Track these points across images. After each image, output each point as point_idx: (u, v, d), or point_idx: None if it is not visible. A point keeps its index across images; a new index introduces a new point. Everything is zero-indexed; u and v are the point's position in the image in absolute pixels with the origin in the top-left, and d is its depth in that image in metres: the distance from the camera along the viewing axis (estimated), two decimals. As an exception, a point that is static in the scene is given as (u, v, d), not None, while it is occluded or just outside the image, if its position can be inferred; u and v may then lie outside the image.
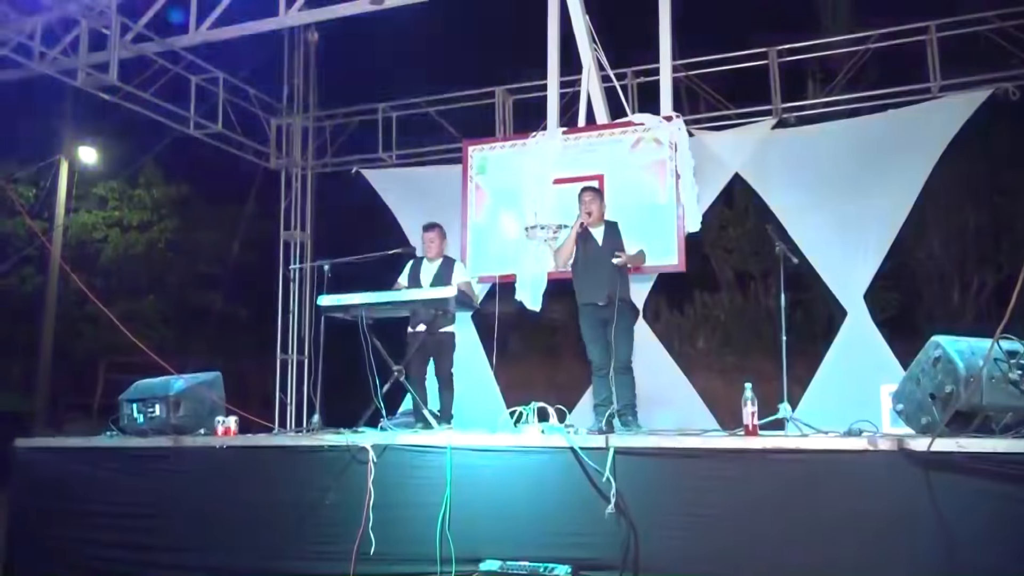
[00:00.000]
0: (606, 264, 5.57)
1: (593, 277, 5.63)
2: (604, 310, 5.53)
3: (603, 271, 5.58)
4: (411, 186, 9.48)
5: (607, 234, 5.73)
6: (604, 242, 5.69)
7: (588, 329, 5.66)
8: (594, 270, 5.64)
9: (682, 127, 7.06)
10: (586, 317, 5.67)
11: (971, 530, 3.42)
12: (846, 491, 3.66)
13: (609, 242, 5.67)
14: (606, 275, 5.54)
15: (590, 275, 5.66)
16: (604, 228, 5.76)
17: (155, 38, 8.27)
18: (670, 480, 3.98)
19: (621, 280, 5.55)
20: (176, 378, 5.45)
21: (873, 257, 7.76)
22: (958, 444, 3.48)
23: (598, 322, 5.60)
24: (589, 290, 5.65)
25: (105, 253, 13.91)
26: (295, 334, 10.09)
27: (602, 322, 5.57)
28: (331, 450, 4.52)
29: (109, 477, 5.01)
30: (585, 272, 5.72)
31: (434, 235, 6.18)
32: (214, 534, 4.69)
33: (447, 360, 6.04)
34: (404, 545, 4.26)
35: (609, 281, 5.50)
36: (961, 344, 3.70)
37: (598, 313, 5.58)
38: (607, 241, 5.69)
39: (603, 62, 7.53)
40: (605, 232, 5.74)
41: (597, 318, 5.59)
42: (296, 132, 10.35)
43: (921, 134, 7.69)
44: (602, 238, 5.72)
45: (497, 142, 7.95)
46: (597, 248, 5.68)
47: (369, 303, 5.39)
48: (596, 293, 5.58)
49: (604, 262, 5.59)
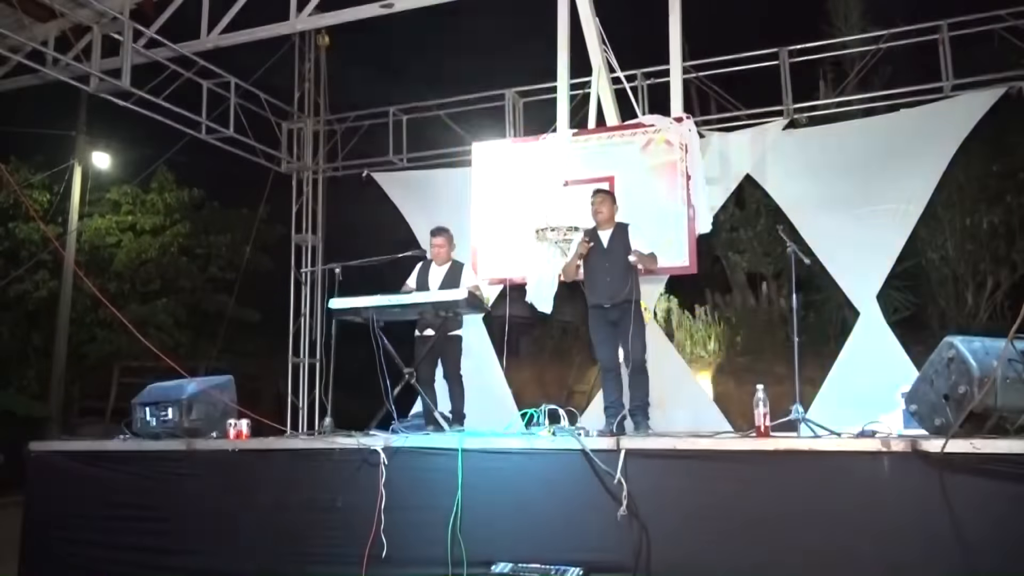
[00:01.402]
0: (615, 266, 5.58)
1: (601, 279, 5.65)
2: (611, 311, 5.56)
3: (611, 273, 5.58)
4: (421, 189, 9.50)
5: (615, 236, 5.72)
6: (612, 244, 5.69)
7: (596, 330, 5.70)
8: (602, 272, 5.65)
9: (693, 128, 7.05)
10: (594, 318, 5.70)
11: (985, 531, 3.40)
12: (860, 493, 3.63)
13: (617, 244, 5.66)
14: (614, 277, 5.55)
15: (598, 277, 5.68)
16: (613, 230, 5.76)
17: (167, 43, 8.32)
18: (682, 482, 3.96)
19: (631, 282, 5.52)
20: (189, 381, 5.48)
21: (886, 258, 7.71)
22: (972, 445, 3.45)
23: (606, 323, 5.63)
24: (597, 291, 5.67)
25: (118, 258, 13.97)
26: (307, 337, 10.13)
27: (610, 323, 5.60)
28: (343, 453, 4.53)
29: (122, 480, 5.03)
30: (593, 274, 5.73)
31: (442, 240, 6.16)
32: (226, 537, 4.71)
33: (454, 361, 6.05)
34: (416, 548, 4.26)
35: (617, 283, 5.51)
36: (975, 344, 3.67)
37: (606, 314, 5.61)
38: (615, 243, 5.68)
39: (613, 64, 7.53)
40: (613, 234, 5.74)
41: (605, 319, 5.63)
42: (307, 136, 10.40)
43: (934, 134, 7.65)
44: (608, 240, 5.71)
45: (507, 144, 7.95)
46: (603, 251, 5.69)
47: (380, 306, 5.39)
48: (603, 294, 5.60)
49: (612, 264, 5.60)
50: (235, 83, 9.41)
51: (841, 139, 8.01)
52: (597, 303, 5.65)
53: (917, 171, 7.61)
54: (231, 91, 9.37)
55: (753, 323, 11.78)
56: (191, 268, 14.64)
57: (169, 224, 14.38)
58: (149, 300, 14.07)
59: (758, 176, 8.27)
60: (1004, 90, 7.60)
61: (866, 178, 7.65)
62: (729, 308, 12.07)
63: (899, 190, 7.57)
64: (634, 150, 7.10)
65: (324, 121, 10.47)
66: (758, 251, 11.89)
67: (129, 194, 14.27)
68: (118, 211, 14.33)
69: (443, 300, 5.49)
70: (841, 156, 7.85)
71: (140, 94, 8.31)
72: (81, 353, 13.75)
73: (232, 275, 13.69)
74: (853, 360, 7.69)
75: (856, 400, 6.26)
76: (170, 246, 14.21)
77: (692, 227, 6.81)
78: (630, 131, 7.19)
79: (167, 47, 8.36)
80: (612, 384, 5.64)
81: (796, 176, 8.06)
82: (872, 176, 7.63)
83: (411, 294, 5.83)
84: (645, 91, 8.75)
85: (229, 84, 9.36)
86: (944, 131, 7.63)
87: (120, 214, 14.30)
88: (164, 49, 8.39)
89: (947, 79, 7.91)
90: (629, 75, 8.00)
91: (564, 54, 7.51)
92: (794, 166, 8.07)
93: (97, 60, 8.01)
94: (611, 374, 5.65)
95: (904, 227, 7.66)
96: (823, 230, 7.73)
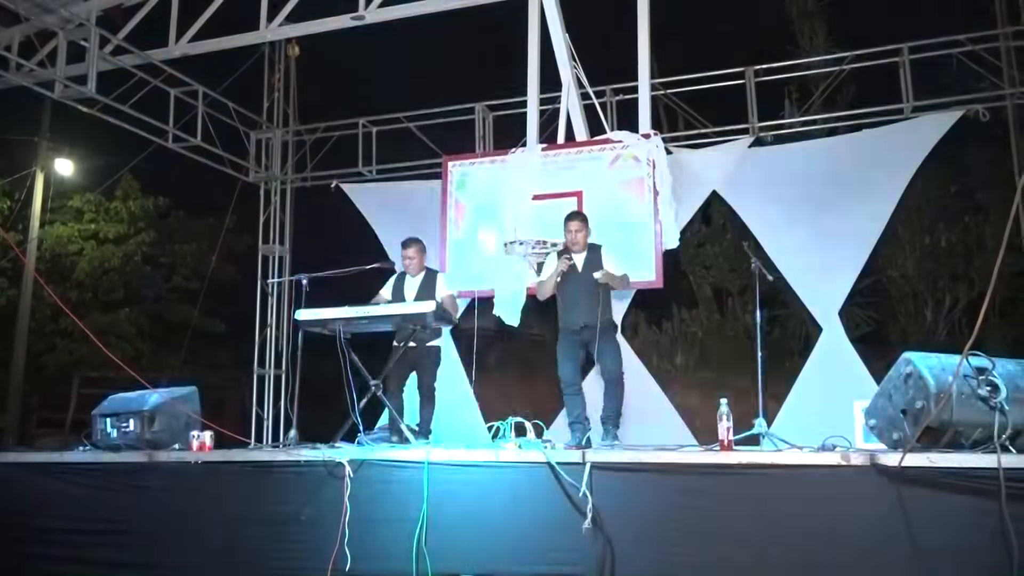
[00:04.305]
0: (586, 289, 5.61)
1: (573, 302, 5.68)
2: (584, 332, 5.61)
3: (583, 296, 5.62)
4: (391, 201, 9.48)
5: (588, 259, 5.74)
6: (584, 267, 5.70)
7: (564, 348, 5.73)
8: (574, 295, 5.69)
9: (660, 145, 7.12)
10: (564, 338, 5.75)
11: (942, 543, 3.47)
12: (820, 505, 3.69)
13: (590, 267, 5.68)
14: (586, 300, 5.59)
15: (570, 300, 5.71)
16: (587, 253, 5.79)
17: (134, 50, 8.24)
18: (647, 495, 3.99)
19: (603, 302, 5.56)
20: (151, 392, 5.40)
21: (848, 274, 7.85)
22: (929, 459, 3.52)
23: (576, 343, 5.69)
24: (569, 315, 5.71)
25: (80, 266, 13.75)
26: (272, 348, 10.04)
27: (581, 343, 5.67)
28: (307, 465, 4.49)
29: (81, 493, 4.93)
30: (566, 297, 5.77)
31: (413, 252, 6.10)
32: (188, 550, 4.63)
33: (431, 374, 6.00)
34: (380, 561, 4.23)
35: (589, 306, 5.54)
36: (932, 360, 3.74)
37: (577, 336, 5.66)
38: (588, 266, 5.70)
39: (582, 79, 7.59)
40: (587, 257, 5.76)
41: (576, 340, 5.68)
42: (276, 146, 10.34)
43: (894, 154, 7.81)
44: (583, 264, 5.73)
45: (477, 158, 7.99)
46: (577, 274, 5.71)
47: (347, 318, 5.37)
48: (575, 318, 5.65)
49: (584, 287, 5.63)
50: (203, 91, 9.33)
51: (805, 158, 8.15)
52: (568, 326, 5.70)
53: (878, 190, 7.76)
54: (199, 99, 9.29)
55: (719, 338, 11.89)
56: (155, 277, 14.46)
57: (133, 233, 14.19)
58: (111, 310, 13.86)
59: (724, 193, 8.38)
60: (962, 112, 7.79)
61: (829, 196, 7.78)
62: (695, 323, 12.17)
63: (861, 208, 7.71)
64: (602, 165, 7.16)
65: (293, 131, 10.42)
66: (724, 267, 12.02)
67: (92, 202, 14.07)
68: (81, 219, 14.12)
69: (411, 312, 5.47)
70: (805, 174, 7.98)
71: (106, 101, 8.20)
72: (40, 363, 13.50)
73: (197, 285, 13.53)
74: (815, 375, 7.81)
75: (818, 414, 6.34)
76: (134, 255, 14.02)
77: (659, 242, 6.88)
78: (598, 147, 7.26)
79: (134, 54, 8.27)
80: (574, 400, 5.65)
81: (761, 193, 8.17)
82: (835, 194, 7.76)
83: (378, 306, 5.80)
84: (614, 107, 8.84)
85: (197, 92, 9.28)
86: (905, 151, 7.81)
87: (83, 222, 14.10)
88: (131, 56, 8.30)
89: (907, 101, 8.09)
90: (598, 91, 8.06)
91: (534, 69, 7.57)
92: (759, 183, 8.18)
93: (62, 66, 7.90)
94: (573, 389, 5.67)
95: (866, 245, 7.80)
96: (787, 247, 7.86)
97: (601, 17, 8.96)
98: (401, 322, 5.56)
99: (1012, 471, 3.37)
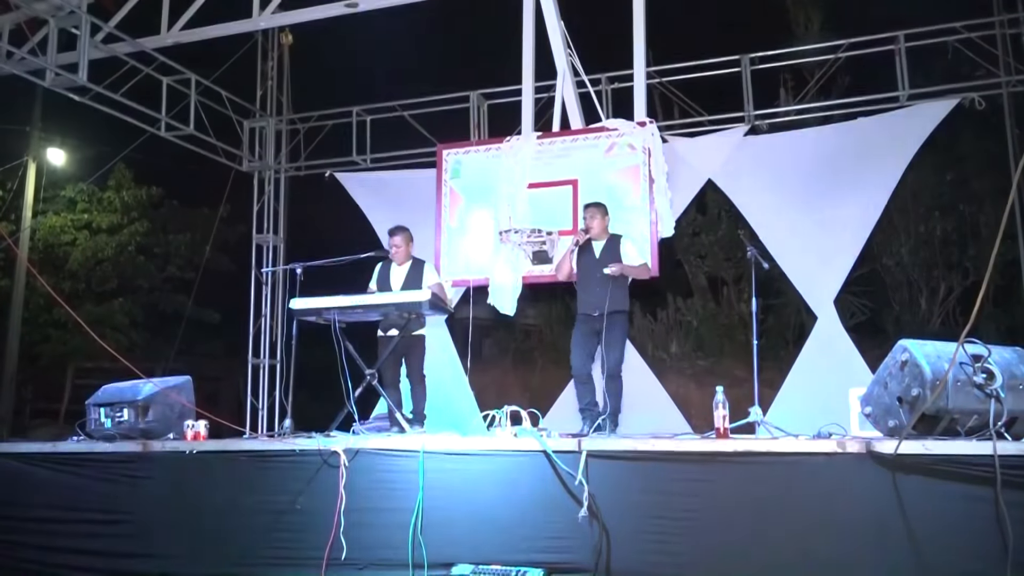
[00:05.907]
0: (606, 277, 5.70)
1: (589, 289, 5.79)
2: (598, 320, 5.68)
3: (598, 284, 5.71)
4: (385, 190, 9.44)
5: (606, 248, 5.87)
6: (601, 255, 5.84)
7: (578, 336, 5.86)
8: (590, 282, 5.80)
9: (655, 133, 7.11)
10: (580, 325, 5.87)
11: (937, 530, 3.48)
12: (815, 493, 3.70)
13: (606, 256, 5.82)
14: (600, 288, 5.67)
15: (586, 287, 5.83)
16: (605, 242, 5.90)
17: (126, 38, 8.17)
18: (642, 483, 3.99)
19: (616, 292, 5.65)
20: (145, 382, 5.39)
21: (843, 263, 7.84)
22: (924, 446, 3.53)
23: (590, 331, 5.79)
24: (584, 301, 5.83)
25: (74, 256, 13.68)
26: (267, 338, 10.01)
27: (594, 332, 5.75)
28: (302, 454, 4.48)
29: (76, 483, 4.92)
30: (582, 283, 5.89)
31: (400, 240, 6.08)
32: (182, 540, 4.63)
33: (418, 361, 6.04)
34: (376, 550, 4.23)
35: (603, 294, 5.62)
36: (927, 348, 3.75)
37: (591, 323, 5.76)
38: (604, 255, 5.83)
39: (578, 67, 7.56)
40: (605, 246, 5.88)
41: (591, 328, 5.77)
42: (269, 135, 10.28)
43: (890, 142, 7.79)
44: (600, 251, 5.86)
45: (472, 146, 7.95)
46: (594, 261, 5.83)
47: (341, 307, 5.36)
48: (590, 304, 5.76)
49: (599, 275, 5.73)
50: (196, 80, 9.25)
51: (800, 146, 8.12)
52: (586, 312, 5.79)
53: (873, 178, 7.75)
54: (191, 88, 9.21)
55: (714, 326, 11.91)
56: (149, 267, 14.40)
57: (127, 223, 14.10)
58: (105, 300, 13.81)
59: (720, 181, 8.36)
60: (957, 101, 7.78)
61: (824, 185, 7.77)
62: (690, 312, 12.18)
63: (856, 197, 7.70)
64: (597, 154, 7.14)
65: (287, 120, 10.36)
66: (719, 255, 12.03)
67: (85, 191, 13.98)
68: (74, 209, 14.04)
69: (406, 301, 5.46)
70: (800, 163, 7.96)
71: (97, 90, 8.13)
72: (34, 354, 13.45)
73: (191, 275, 13.50)
74: (810, 363, 7.80)
75: (813, 403, 6.36)
76: (127, 245, 13.95)
77: (654, 231, 6.87)
78: (594, 135, 7.23)
79: (126, 42, 8.20)
80: (585, 388, 5.81)
81: (757, 181, 8.15)
82: (830, 183, 7.75)
83: (373, 295, 5.79)
84: (609, 95, 8.81)
85: (189, 81, 9.20)
86: (900, 140, 7.78)
87: (76, 212, 14.02)
88: (123, 44, 8.22)
89: (903, 89, 8.08)
90: (593, 79, 8.04)
91: (529, 57, 7.54)
92: (755, 172, 8.16)
93: (53, 54, 7.81)
94: (583, 377, 5.81)
95: (861, 233, 7.80)
96: (782, 235, 7.85)
97: (596, 4, 8.90)
98: (395, 311, 5.55)
99: (1007, 458, 3.38)
